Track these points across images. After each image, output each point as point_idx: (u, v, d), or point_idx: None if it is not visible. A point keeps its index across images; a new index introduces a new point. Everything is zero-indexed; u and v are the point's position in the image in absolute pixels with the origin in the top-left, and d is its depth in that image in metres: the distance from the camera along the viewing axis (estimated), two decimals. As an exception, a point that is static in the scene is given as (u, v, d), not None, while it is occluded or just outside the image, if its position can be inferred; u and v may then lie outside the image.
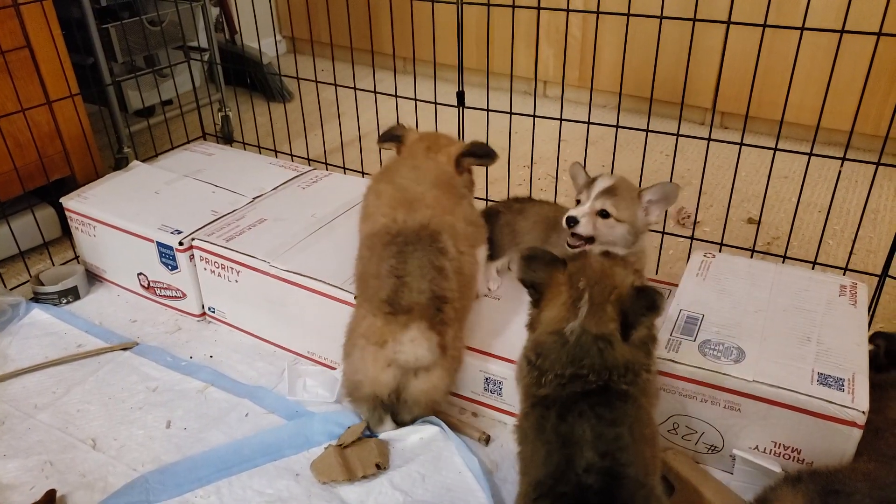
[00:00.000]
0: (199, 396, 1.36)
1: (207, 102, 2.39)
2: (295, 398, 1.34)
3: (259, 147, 2.20)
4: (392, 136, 1.47)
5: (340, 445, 1.16)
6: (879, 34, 1.21)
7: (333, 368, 1.39)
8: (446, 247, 1.19)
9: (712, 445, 1.15)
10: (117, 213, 1.59)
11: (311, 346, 1.43)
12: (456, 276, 1.18)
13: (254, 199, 1.65)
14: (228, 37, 2.72)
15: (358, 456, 1.14)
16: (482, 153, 1.39)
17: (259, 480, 1.16)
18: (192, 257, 1.51)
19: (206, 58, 2.32)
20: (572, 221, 1.22)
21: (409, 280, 1.15)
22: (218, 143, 2.26)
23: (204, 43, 2.32)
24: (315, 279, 1.35)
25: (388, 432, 1.22)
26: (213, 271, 1.49)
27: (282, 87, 2.73)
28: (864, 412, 1.01)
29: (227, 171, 1.77)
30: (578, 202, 1.25)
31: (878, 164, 1.30)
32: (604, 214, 1.22)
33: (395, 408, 1.21)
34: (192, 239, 1.49)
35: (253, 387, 1.38)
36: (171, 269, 1.54)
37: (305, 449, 1.21)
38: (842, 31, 1.22)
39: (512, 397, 1.24)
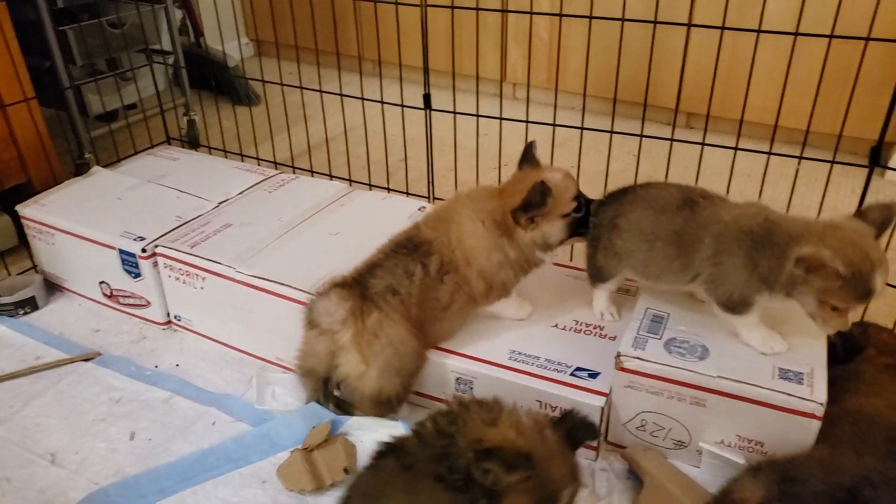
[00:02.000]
0: (164, 406, 1.33)
1: (172, 106, 2.35)
2: (263, 407, 1.32)
3: (225, 151, 2.17)
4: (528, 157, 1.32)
5: (306, 449, 1.15)
6: (831, 36, 1.24)
7: (303, 375, 1.37)
8: (429, 266, 1.21)
9: (679, 441, 1.17)
10: (77, 221, 1.55)
11: (279, 352, 1.41)
12: (422, 288, 1.20)
13: (219, 203, 1.62)
14: (194, 40, 2.68)
15: (325, 460, 1.12)
16: (533, 204, 1.19)
17: (224, 489, 1.14)
18: (155, 264, 1.48)
19: (170, 61, 2.28)
20: None
21: (377, 270, 1.21)
22: (183, 147, 2.23)
23: (168, 46, 2.28)
24: (282, 284, 1.33)
25: (355, 429, 1.20)
26: (178, 278, 1.47)
27: (248, 90, 2.70)
28: (822, 404, 1.03)
29: (192, 176, 1.75)
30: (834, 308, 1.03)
31: (832, 161, 1.34)
32: None
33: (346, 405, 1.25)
34: (156, 246, 1.47)
35: (220, 395, 1.35)
36: (135, 277, 1.51)
37: (271, 454, 1.19)
38: (795, 34, 1.25)
39: (484, 395, 1.24)
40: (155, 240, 1.48)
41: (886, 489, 0.88)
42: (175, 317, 1.54)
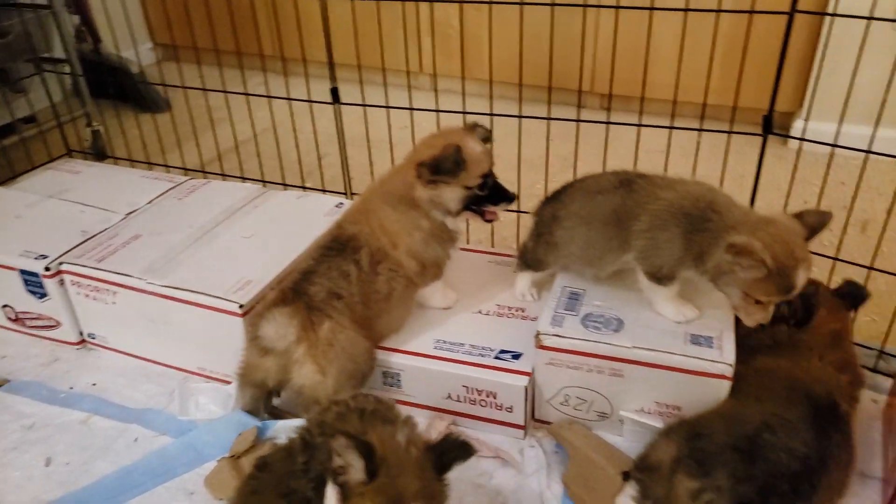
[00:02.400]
0: (81, 428, 1.28)
1: (74, 117, 2.23)
2: (187, 418, 1.28)
3: (132, 161, 2.08)
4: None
5: (234, 456, 1.12)
6: (718, 11, 1.30)
7: (228, 383, 1.34)
8: (361, 261, 1.20)
9: (602, 412, 1.20)
10: (-29, 243, 1.47)
11: (200, 362, 1.38)
12: (361, 285, 1.20)
13: (127, 215, 1.56)
14: (93, 46, 2.55)
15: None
16: (442, 168, 1.16)
17: (150, 507, 1.11)
18: (62, 282, 1.41)
19: (64, 70, 2.16)
20: None
21: (313, 277, 1.19)
22: (88, 160, 2.12)
23: (63, 54, 2.16)
24: (196, 292, 1.29)
25: (283, 433, 1.18)
26: (88, 295, 1.40)
27: (159, 96, 2.60)
28: (731, 364, 1.09)
29: (96, 189, 1.67)
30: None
31: (729, 132, 1.41)
32: None
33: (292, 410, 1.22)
34: (60, 263, 1.40)
35: (141, 410, 1.31)
36: (40, 298, 1.43)
37: (198, 465, 1.17)
38: (686, 10, 1.30)
39: (411, 388, 1.25)
40: (59, 257, 1.41)
41: (784, 431, 0.94)
42: (89, 335, 1.47)
